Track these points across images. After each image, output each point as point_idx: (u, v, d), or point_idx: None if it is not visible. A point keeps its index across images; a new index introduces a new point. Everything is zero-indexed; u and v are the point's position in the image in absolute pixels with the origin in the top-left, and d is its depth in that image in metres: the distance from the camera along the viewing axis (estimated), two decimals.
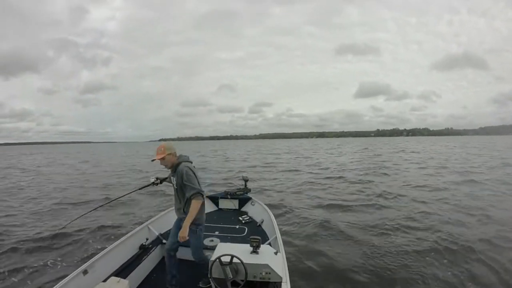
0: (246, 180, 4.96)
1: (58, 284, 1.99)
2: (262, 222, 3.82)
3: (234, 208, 4.57)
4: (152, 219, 3.51)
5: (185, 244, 3.20)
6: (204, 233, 3.52)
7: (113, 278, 2.28)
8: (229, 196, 4.65)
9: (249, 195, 4.79)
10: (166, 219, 3.72)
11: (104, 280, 2.27)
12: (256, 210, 4.31)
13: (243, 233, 3.59)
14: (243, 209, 4.54)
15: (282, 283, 1.97)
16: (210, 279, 2.03)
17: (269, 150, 41.48)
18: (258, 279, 2.00)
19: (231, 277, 1.97)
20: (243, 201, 4.63)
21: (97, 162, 24.80)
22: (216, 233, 3.56)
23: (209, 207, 4.58)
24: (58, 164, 22.94)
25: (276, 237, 2.97)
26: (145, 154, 36.52)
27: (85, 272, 2.24)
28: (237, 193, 4.71)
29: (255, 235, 2.37)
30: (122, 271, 2.56)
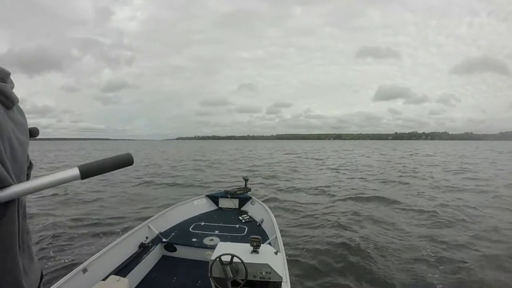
0: (246, 180, 4.96)
1: (57, 283, 1.98)
2: (262, 222, 3.81)
3: (234, 207, 4.56)
4: (152, 217, 3.50)
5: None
6: (204, 232, 3.53)
7: (112, 276, 2.27)
8: (229, 196, 4.65)
9: (249, 194, 4.79)
10: (166, 218, 3.71)
11: (104, 279, 2.26)
12: (256, 210, 4.30)
13: (243, 232, 3.58)
14: (243, 208, 4.54)
15: (282, 283, 1.96)
16: (210, 278, 2.03)
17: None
18: (258, 279, 1.99)
19: (231, 276, 1.96)
20: (243, 200, 4.62)
21: None
22: (216, 232, 3.55)
23: (209, 206, 4.58)
24: None
25: (276, 237, 2.97)
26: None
27: (84, 270, 2.23)
28: (237, 192, 4.70)
29: (255, 234, 2.36)
30: (122, 270, 2.55)
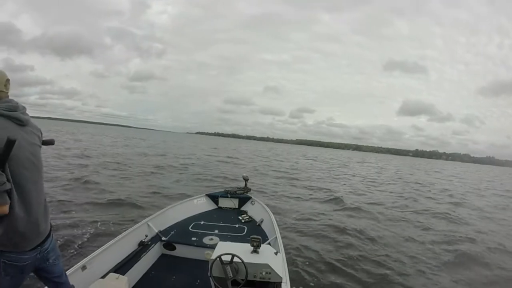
0: (246, 180, 4.95)
1: None
2: (261, 222, 3.81)
3: (234, 207, 4.56)
4: (152, 216, 3.50)
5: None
6: (204, 231, 3.53)
7: (112, 274, 2.27)
8: (229, 195, 4.65)
9: (249, 194, 4.79)
10: (166, 216, 3.71)
11: (103, 276, 2.26)
12: (256, 210, 4.30)
13: (243, 232, 3.58)
14: (243, 208, 4.54)
15: (282, 283, 1.96)
16: (210, 278, 2.02)
17: None
18: (258, 279, 1.99)
19: (232, 276, 1.96)
20: (243, 200, 4.63)
21: None
22: (216, 231, 3.55)
23: (209, 205, 4.58)
24: None
25: (276, 237, 2.97)
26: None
27: (83, 267, 2.22)
28: (237, 192, 4.70)
29: (255, 234, 2.36)
30: (121, 268, 2.55)
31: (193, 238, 3.31)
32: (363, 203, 8.24)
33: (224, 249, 2.09)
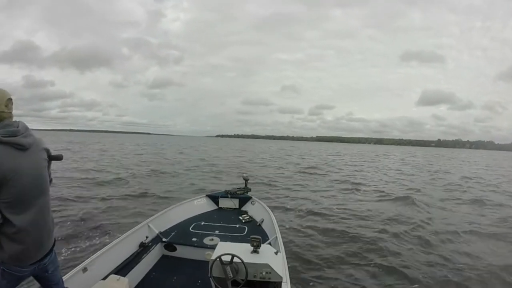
0: (246, 180, 4.96)
1: None
2: (262, 222, 3.81)
3: (234, 207, 4.57)
4: (152, 217, 3.50)
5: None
6: (204, 232, 3.53)
7: (112, 276, 2.28)
8: (229, 195, 4.65)
9: (249, 194, 4.79)
10: (166, 217, 3.71)
11: (104, 278, 2.26)
12: (256, 210, 4.31)
13: (243, 232, 3.58)
14: (243, 208, 4.54)
15: (282, 283, 1.96)
16: (210, 278, 2.03)
17: None
18: (258, 279, 1.99)
19: (232, 276, 1.96)
20: (243, 200, 4.63)
21: None
22: (216, 232, 3.55)
23: (209, 206, 4.58)
24: None
25: (276, 237, 2.97)
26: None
27: (84, 269, 2.23)
28: (238, 192, 4.71)
29: (255, 234, 2.36)
30: (122, 269, 2.55)
31: (193, 239, 3.31)
32: None
33: (224, 249, 2.09)
